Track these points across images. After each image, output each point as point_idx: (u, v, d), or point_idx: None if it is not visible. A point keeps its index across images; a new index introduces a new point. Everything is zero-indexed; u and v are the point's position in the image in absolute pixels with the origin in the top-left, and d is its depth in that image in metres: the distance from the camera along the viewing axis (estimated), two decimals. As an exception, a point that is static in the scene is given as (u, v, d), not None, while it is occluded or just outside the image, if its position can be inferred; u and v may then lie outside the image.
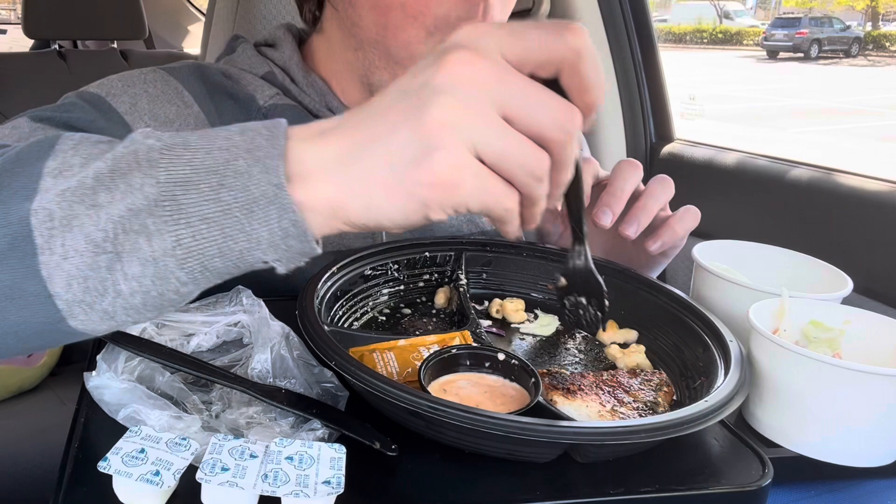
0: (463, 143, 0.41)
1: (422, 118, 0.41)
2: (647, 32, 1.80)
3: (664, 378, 0.59)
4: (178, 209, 0.42)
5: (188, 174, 0.42)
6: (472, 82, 0.41)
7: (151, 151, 0.43)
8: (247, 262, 0.44)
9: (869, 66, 18.05)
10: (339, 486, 0.43)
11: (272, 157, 0.42)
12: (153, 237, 0.42)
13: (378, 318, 0.71)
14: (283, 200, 0.42)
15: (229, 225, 0.42)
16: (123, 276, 0.43)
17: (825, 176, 1.43)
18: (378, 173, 0.42)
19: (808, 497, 0.55)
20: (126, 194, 0.42)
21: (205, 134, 0.44)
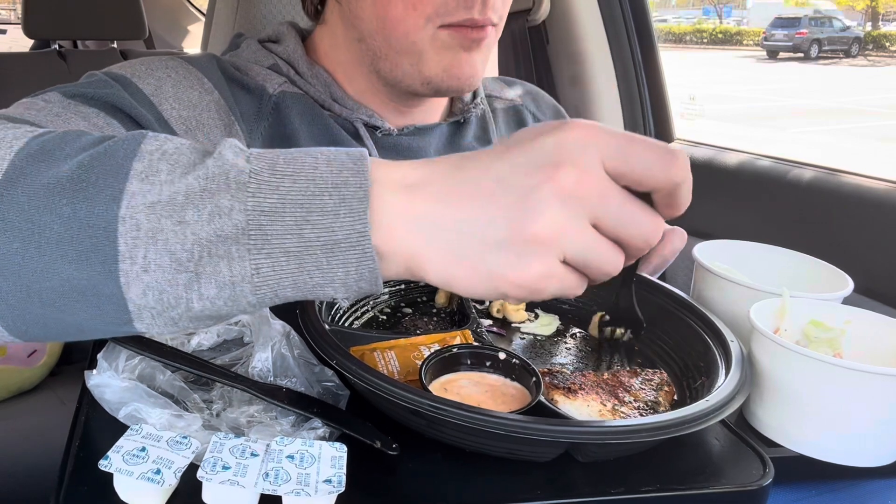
0: (556, 255, 0.42)
1: (525, 227, 0.42)
2: (647, 32, 1.80)
3: (665, 378, 0.59)
4: (264, 239, 0.43)
5: (275, 203, 0.43)
6: (576, 199, 0.42)
7: (241, 174, 0.43)
8: (316, 295, 0.45)
9: (869, 66, 18.05)
10: (340, 484, 0.43)
11: (358, 200, 0.42)
12: (234, 263, 0.43)
13: (379, 318, 0.71)
14: (364, 248, 0.42)
15: (308, 261, 0.43)
16: (199, 296, 0.44)
17: (825, 176, 1.43)
18: (466, 256, 0.43)
19: (808, 496, 0.55)
20: (214, 217, 0.42)
21: (291, 158, 0.44)
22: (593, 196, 0.42)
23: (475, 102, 0.93)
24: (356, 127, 0.85)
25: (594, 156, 0.42)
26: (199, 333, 0.62)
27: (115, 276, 0.43)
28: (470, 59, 0.78)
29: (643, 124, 1.83)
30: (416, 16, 0.74)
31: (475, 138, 0.93)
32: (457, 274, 0.43)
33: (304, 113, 0.84)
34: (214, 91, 0.79)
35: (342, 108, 0.85)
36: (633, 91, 1.83)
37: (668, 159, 0.44)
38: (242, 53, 0.88)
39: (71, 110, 0.66)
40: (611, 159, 0.43)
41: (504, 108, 1.00)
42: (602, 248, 0.43)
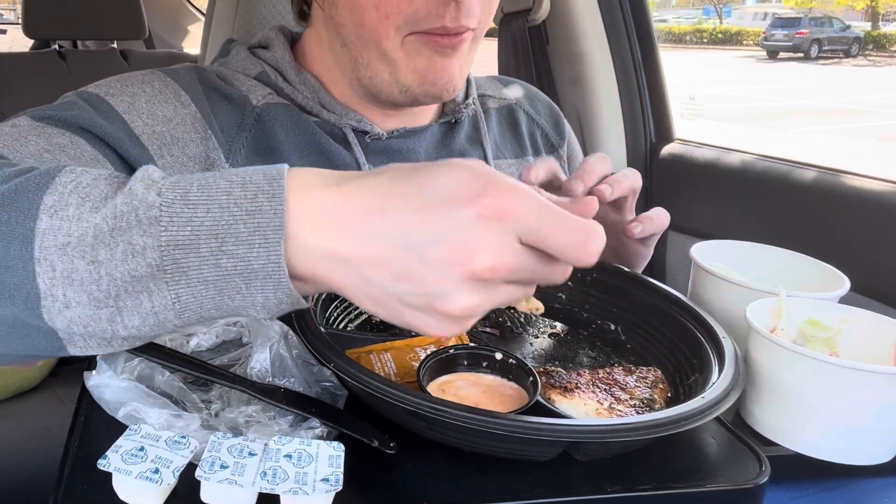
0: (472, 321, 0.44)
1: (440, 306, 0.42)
2: (647, 32, 1.80)
3: (659, 375, 0.59)
4: (180, 272, 0.43)
5: (188, 236, 0.43)
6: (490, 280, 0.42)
7: (151, 209, 0.43)
8: (241, 314, 0.46)
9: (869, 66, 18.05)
10: (337, 483, 0.43)
11: (273, 230, 0.42)
12: (153, 295, 0.44)
13: (372, 320, 0.71)
14: (280, 278, 0.43)
15: (228, 288, 0.44)
16: (123, 327, 0.45)
17: (824, 176, 1.43)
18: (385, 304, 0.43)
19: (805, 495, 0.55)
20: (127, 256, 0.43)
21: (205, 184, 0.44)
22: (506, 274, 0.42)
23: (467, 102, 0.92)
24: (345, 133, 0.84)
25: (509, 235, 0.42)
26: (198, 334, 0.62)
27: (39, 312, 0.45)
28: (446, 63, 0.77)
29: (643, 124, 1.83)
30: (387, 24, 0.74)
31: (467, 138, 0.92)
32: (377, 311, 0.44)
33: (290, 124, 0.83)
34: (191, 104, 0.79)
35: (330, 113, 0.84)
36: (633, 91, 1.83)
37: (583, 242, 0.43)
38: (231, 61, 0.88)
39: (36, 132, 0.66)
40: (526, 236, 0.42)
41: (497, 108, 0.99)
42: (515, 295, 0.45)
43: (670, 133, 1.83)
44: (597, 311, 0.73)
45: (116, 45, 2.38)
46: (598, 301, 0.74)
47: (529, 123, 1.02)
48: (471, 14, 0.74)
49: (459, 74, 0.79)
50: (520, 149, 0.98)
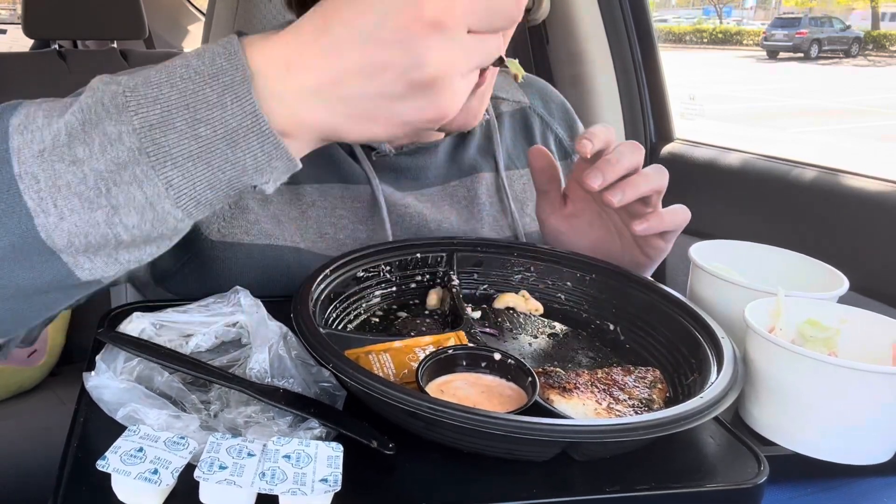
0: (455, 79, 0.44)
1: (417, 76, 0.43)
2: (647, 32, 1.81)
3: (658, 375, 0.59)
4: (162, 152, 0.43)
5: (160, 114, 0.43)
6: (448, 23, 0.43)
7: (116, 96, 0.43)
8: (236, 189, 0.46)
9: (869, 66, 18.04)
10: (336, 484, 0.43)
11: (239, 83, 0.43)
12: (144, 184, 0.43)
13: (371, 320, 0.71)
14: (261, 128, 0.43)
15: (215, 158, 0.43)
16: (124, 228, 0.44)
17: (824, 176, 1.43)
18: (376, 113, 0.44)
19: (804, 495, 0.55)
20: (106, 147, 0.43)
21: (162, 66, 0.44)
22: (461, 12, 0.43)
23: None
24: (352, 147, 0.82)
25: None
26: (197, 335, 0.62)
27: (36, 233, 0.44)
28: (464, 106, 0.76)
29: (643, 124, 1.83)
30: None
31: (478, 150, 0.91)
32: (374, 130, 0.45)
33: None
34: None
35: None
36: (633, 91, 1.83)
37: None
38: None
39: None
40: None
41: (510, 112, 0.97)
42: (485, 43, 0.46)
43: (670, 133, 1.83)
44: (595, 312, 0.73)
45: (116, 45, 2.38)
46: (596, 301, 0.74)
47: (543, 128, 0.99)
48: None
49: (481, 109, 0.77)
50: None
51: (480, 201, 0.87)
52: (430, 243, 0.76)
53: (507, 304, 0.74)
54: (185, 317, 0.62)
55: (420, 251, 0.75)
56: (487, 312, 0.74)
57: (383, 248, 0.74)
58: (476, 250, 0.77)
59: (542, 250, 0.78)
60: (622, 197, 0.70)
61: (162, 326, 0.61)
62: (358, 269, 0.71)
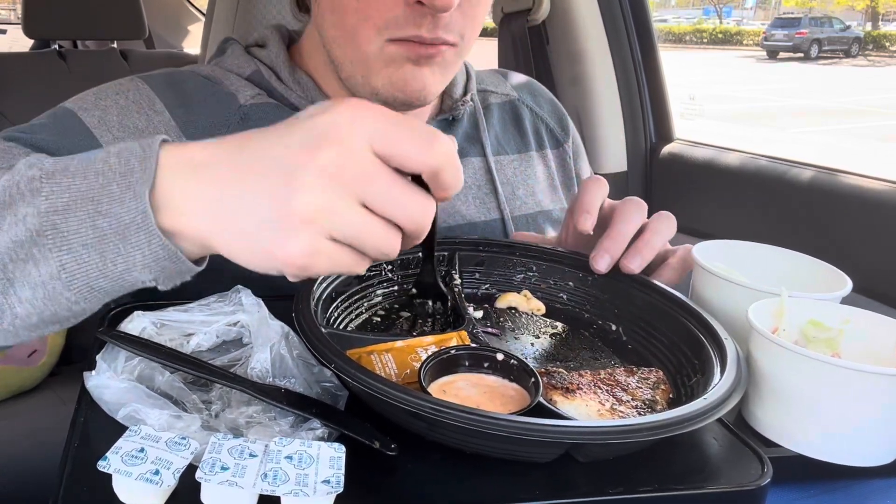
0: (320, 233, 0.44)
1: (287, 204, 0.43)
2: (647, 32, 1.80)
3: (661, 376, 0.59)
4: (60, 237, 0.45)
5: (66, 201, 0.45)
6: (339, 178, 0.43)
7: (33, 181, 0.46)
8: (128, 282, 0.48)
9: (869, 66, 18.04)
10: (338, 485, 0.43)
11: (141, 184, 0.45)
12: (40, 263, 0.46)
13: (373, 320, 0.71)
14: (149, 227, 0.45)
15: (107, 250, 0.46)
16: (18, 300, 0.47)
17: (825, 176, 1.43)
18: (244, 233, 0.45)
19: (807, 496, 0.55)
20: (11, 226, 0.46)
21: (85, 157, 0.47)
22: (356, 175, 0.44)
23: (464, 99, 0.91)
24: None
25: (361, 136, 0.44)
26: (198, 334, 0.62)
27: None
28: (418, 72, 0.75)
29: (643, 124, 1.83)
30: (367, 27, 0.73)
31: (465, 136, 0.91)
32: (238, 248, 0.46)
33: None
34: (165, 111, 0.79)
35: None
36: (633, 91, 1.83)
37: (428, 144, 0.45)
38: (226, 60, 0.88)
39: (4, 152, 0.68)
40: (377, 140, 0.44)
41: (499, 103, 0.98)
42: (370, 227, 0.45)
43: (670, 133, 1.83)
44: (598, 312, 0.73)
45: (116, 45, 2.38)
46: (599, 301, 0.73)
47: (533, 118, 1.01)
48: (450, 28, 0.73)
49: (434, 83, 0.77)
50: (523, 144, 0.97)
51: (466, 184, 0.88)
52: None
53: (510, 304, 0.74)
54: (187, 316, 0.62)
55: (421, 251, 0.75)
56: (489, 312, 0.74)
57: (384, 248, 0.73)
58: (478, 250, 0.77)
59: (544, 250, 0.78)
60: (641, 262, 0.71)
61: (163, 325, 0.61)
62: (359, 268, 0.71)
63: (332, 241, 0.44)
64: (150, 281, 0.48)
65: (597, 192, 0.72)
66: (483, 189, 0.90)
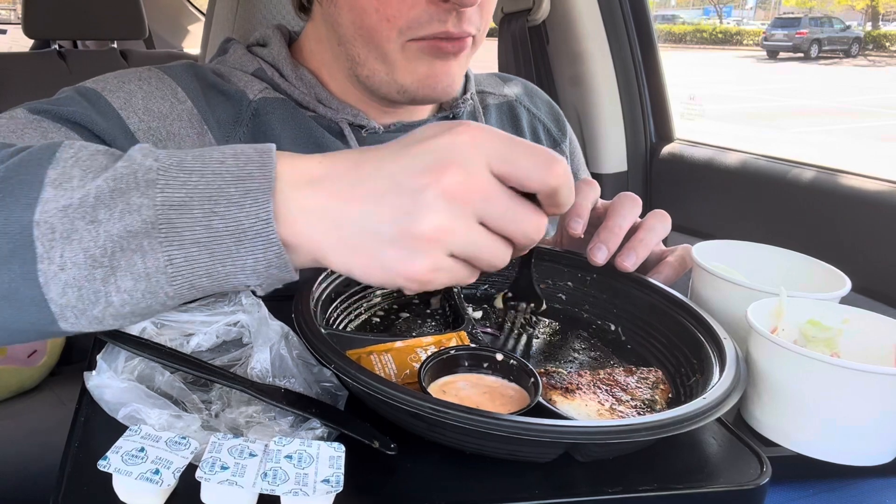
0: (442, 251, 0.45)
1: (412, 228, 0.44)
2: (647, 32, 1.80)
3: (660, 376, 0.59)
4: (173, 231, 0.45)
5: (182, 198, 0.45)
6: (461, 199, 0.45)
7: (149, 172, 0.45)
8: (231, 284, 0.48)
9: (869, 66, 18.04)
10: (338, 484, 0.43)
11: (262, 191, 0.45)
12: (147, 255, 0.45)
13: (372, 320, 0.71)
14: (269, 235, 0.45)
15: (219, 250, 0.45)
16: (116, 289, 0.46)
17: (825, 176, 1.43)
18: (363, 249, 0.46)
19: (806, 496, 0.55)
20: (124, 214, 0.45)
21: (199, 155, 0.47)
22: (477, 197, 0.45)
23: (464, 98, 0.92)
24: (341, 127, 0.84)
25: (480, 158, 0.45)
26: (198, 334, 0.62)
27: (35, 277, 0.45)
28: (446, 67, 0.77)
29: (643, 124, 1.83)
30: (388, 27, 0.73)
31: None
32: (355, 264, 0.46)
33: (286, 118, 0.83)
34: (188, 100, 0.79)
35: (327, 108, 0.84)
36: (633, 91, 1.83)
37: (547, 165, 0.46)
38: (228, 59, 0.89)
39: (33, 126, 0.67)
40: (496, 162, 0.45)
41: (497, 104, 0.99)
42: (488, 243, 0.46)
43: (670, 133, 1.83)
44: (597, 312, 0.73)
45: (116, 45, 2.38)
46: (598, 301, 0.74)
47: (530, 118, 1.02)
48: (472, 21, 0.75)
49: (459, 76, 0.80)
50: None
51: None
52: None
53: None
54: (187, 316, 0.62)
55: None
56: (489, 312, 0.74)
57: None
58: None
59: (543, 250, 0.78)
60: (636, 259, 0.71)
61: (163, 325, 0.61)
62: (359, 268, 0.71)
63: (451, 258, 0.46)
64: (254, 286, 0.48)
65: (588, 195, 0.73)
66: None
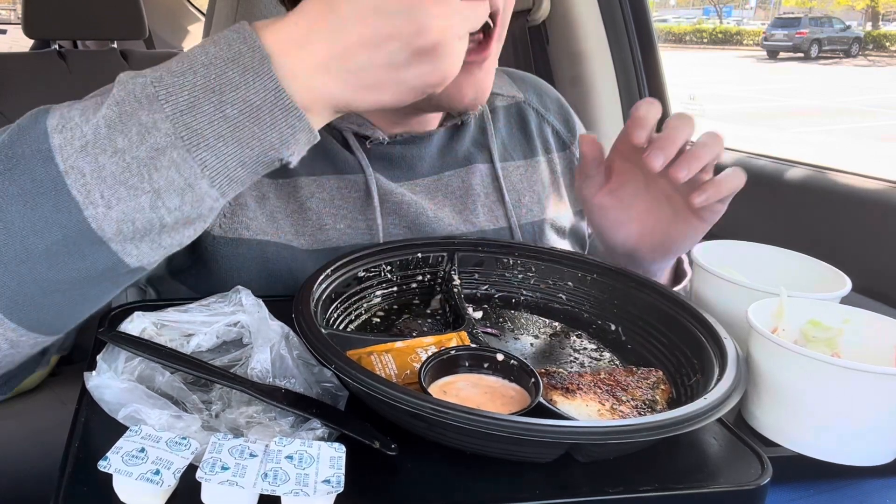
0: (456, 41, 0.49)
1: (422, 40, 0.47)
2: (647, 32, 1.80)
3: (661, 376, 0.59)
4: (195, 135, 0.46)
5: (188, 99, 0.46)
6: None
7: (146, 87, 0.46)
8: (264, 164, 0.49)
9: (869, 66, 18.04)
10: (338, 484, 0.43)
11: (260, 63, 0.46)
12: (181, 167, 0.46)
13: (372, 320, 0.71)
14: (284, 102, 0.46)
15: (243, 136, 0.47)
16: (167, 210, 0.47)
17: (825, 176, 1.43)
18: (384, 83, 0.48)
19: (806, 496, 0.55)
20: (143, 135, 0.46)
21: (181, 57, 0.48)
22: None
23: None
24: (345, 136, 0.82)
25: None
26: (199, 334, 0.62)
27: (87, 225, 0.46)
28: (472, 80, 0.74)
29: (643, 124, 1.83)
30: None
31: (472, 141, 0.90)
32: (383, 98, 0.49)
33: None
34: None
35: None
36: (633, 91, 1.83)
37: None
38: None
39: None
40: None
41: (505, 106, 0.97)
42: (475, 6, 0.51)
43: (671, 133, 1.83)
44: (597, 312, 0.73)
45: (116, 45, 2.38)
46: (598, 301, 0.74)
47: (539, 121, 0.99)
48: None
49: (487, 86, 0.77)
50: (529, 149, 0.95)
51: (475, 192, 0.87)
52: (431, 243, 0.76)
53: None
54: (187, 316, 0.62)
55: (421, 251, 0.75)
56: (489, 312, 0.74)
57: (384, 248, 0.74)
58: (477, 250, 0.77)
59: (543, 250, 0.78)
60: (688, 172, 0.69)
61: (163, 326, 0.61)
62: (359, 268, 0.71)
63: (461, 39, 0.50)
64: (287, 157, 0.49)
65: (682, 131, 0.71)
66: (490, 197, 0.89)
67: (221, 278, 0.75)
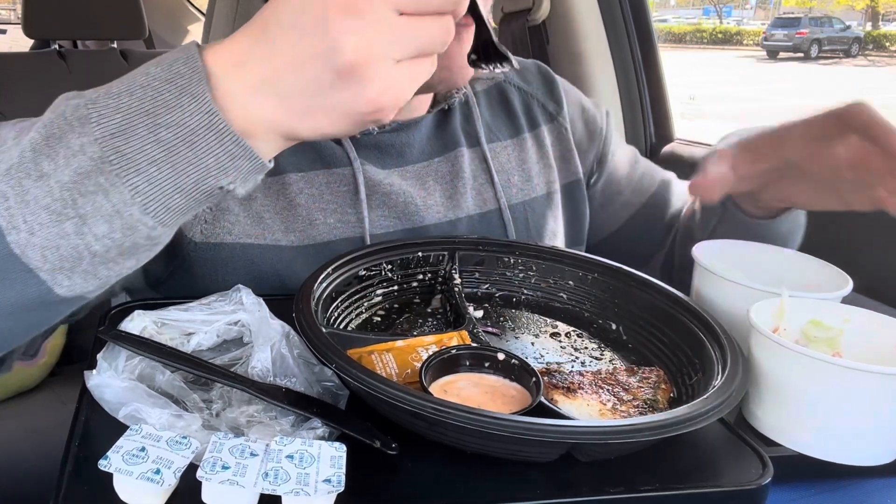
0: (384, 64, 0.43)
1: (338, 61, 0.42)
2: (647, 32, 1.80)
3: (662, 375, 0.59)
4: (125, 160, 0.43)
5: (121, 122, 0.43)
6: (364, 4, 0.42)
7: (78, 109, 0.44)
8: (204, 192, 0.45)
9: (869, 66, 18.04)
10: (339, 484, 0.43)
11: (196, 84, 0.43)
12: (110, 193, 0.43)
13: (373, 319, 0.71)
14: (218, 126, 0.43)
15: (178, 161, 0.43)
16: (94, 238, 0.45)
17: (825, 176, 1.42)
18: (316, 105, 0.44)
19: (808, 496, 0.55)
20: (69, 159, 0.43)
21: (125, 77, 0.45)
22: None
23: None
24: None
25: None
26: (199, 333, 0.62)
27: (10, 250, 0.44)
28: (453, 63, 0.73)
29: (643, 124, 1.83)
30: None
31: (460, 126, 0.90)
32: (321, 125, 0.45)
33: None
34: None
35: None
36: (633, 91, 1.82)
37: None
38: None
39: None
40: None
41: (485, 89, 0.96)
42: (420, 27, 0.44)
43: (670, 133, 1.83)
44: (598, 311, 0.73)
45: (116, 45, 2.38)
46: (599, 300, 0.73)
47: (522, 96, 0.97)
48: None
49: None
50: (514, 128, 0.94)
51: (464, 175, 0.87)
52: (432, 242, 0.76)
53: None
54: (187, 315, 0.62)
55: (421, 250, 0.75)
56: (489, 312, 0.74)
57: (384, 247, 0.74)
58: (477, 249, 0.77)
59: (543, 249, 0.78)
60: None
61: (163, 325, 0.61)
62: (359, 267, 0.71)
63: (399, 64, 0.44)
64: (228, 185, 0.46)
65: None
66: (479, 180, 0.89)
67: (205, 284, 0.75)
